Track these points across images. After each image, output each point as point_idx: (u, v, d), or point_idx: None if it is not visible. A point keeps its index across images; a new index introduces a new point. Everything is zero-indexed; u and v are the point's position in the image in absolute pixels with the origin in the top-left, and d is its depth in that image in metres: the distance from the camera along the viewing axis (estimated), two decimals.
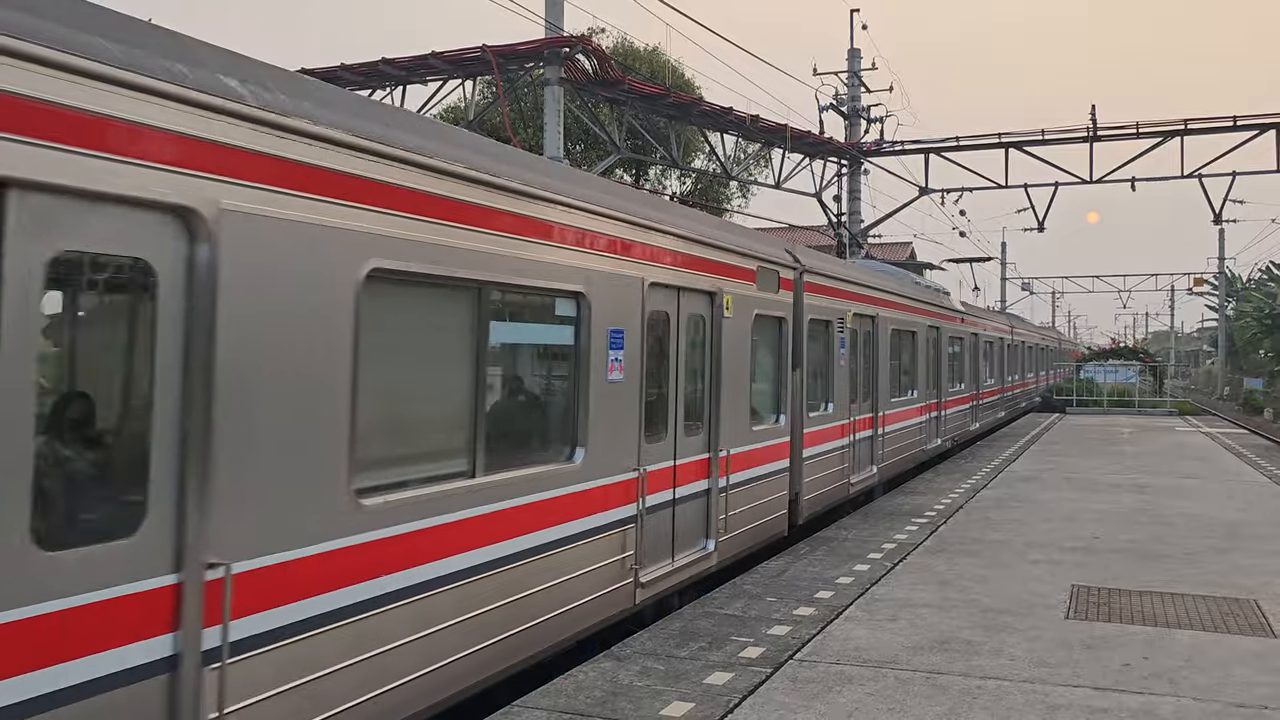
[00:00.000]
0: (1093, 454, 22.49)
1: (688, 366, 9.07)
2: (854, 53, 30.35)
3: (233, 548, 4.38)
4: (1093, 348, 69.83)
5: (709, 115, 23.96)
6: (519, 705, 6.10)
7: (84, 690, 3.77)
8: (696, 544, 9.30)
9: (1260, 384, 56.45)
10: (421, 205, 5.57)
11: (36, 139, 3.60)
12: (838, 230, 29.44)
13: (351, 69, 19.33)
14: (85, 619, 3.79)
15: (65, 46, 3.70)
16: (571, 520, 7.14)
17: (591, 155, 30.41)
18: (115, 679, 3.90)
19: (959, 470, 19.13)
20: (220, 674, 4.29)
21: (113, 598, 3.89)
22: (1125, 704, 6.27)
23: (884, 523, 12.91)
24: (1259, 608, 8.69)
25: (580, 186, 7.51)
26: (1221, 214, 27.98)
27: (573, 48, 18.49)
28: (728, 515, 9.74)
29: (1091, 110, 25.81)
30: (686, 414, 9.03)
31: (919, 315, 19.24)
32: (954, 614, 8.38)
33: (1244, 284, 68.02)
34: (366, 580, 5.15)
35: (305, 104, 4.85)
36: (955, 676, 6.78)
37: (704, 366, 9.49)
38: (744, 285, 10.32)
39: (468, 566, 5.97)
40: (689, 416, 9.11)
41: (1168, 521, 13.18)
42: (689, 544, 9.13)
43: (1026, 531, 12.33)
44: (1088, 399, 44.18)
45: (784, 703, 6.22)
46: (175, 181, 4.10)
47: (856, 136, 29.69)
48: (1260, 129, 25.23)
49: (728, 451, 9.72)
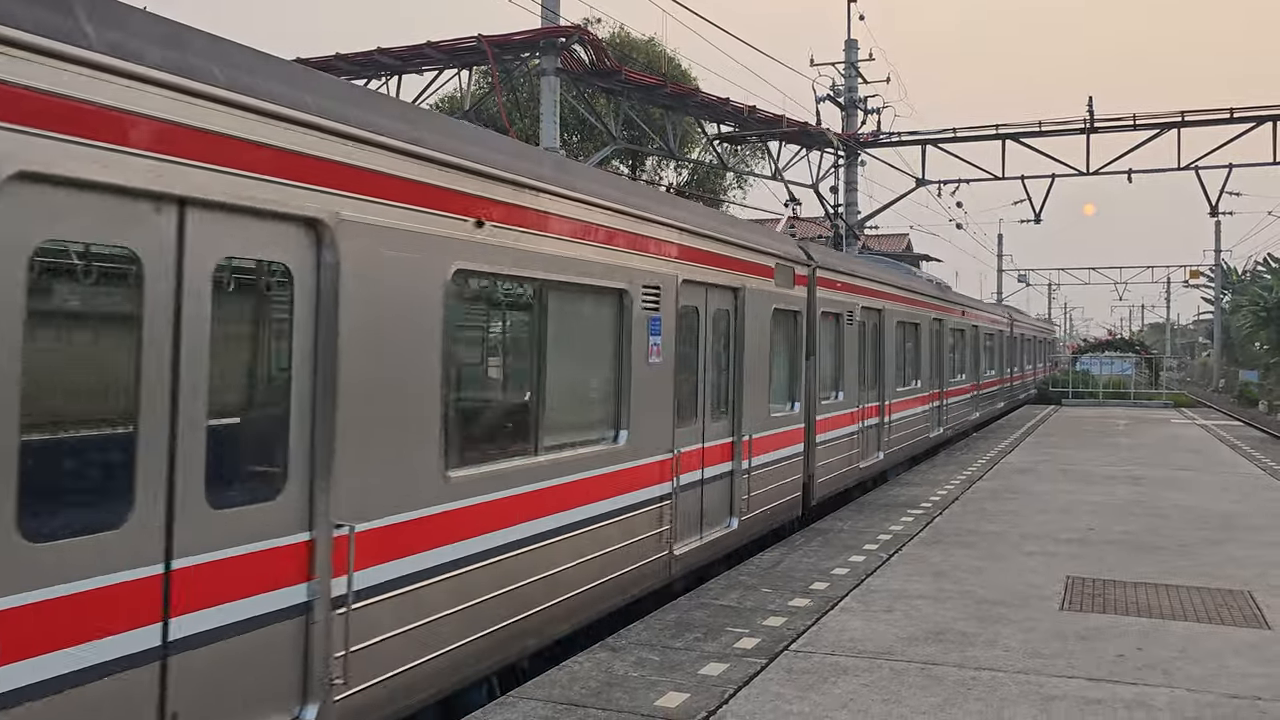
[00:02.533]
0: (1088, 446, 22.53)
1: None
2: (851, 43, 30.27)
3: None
4: (1089, 340, 69.90)
5: (706, 106, 23.92)
6: (514, 695, 6.10)
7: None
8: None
9: (1256, 376, 56.53)
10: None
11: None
12: (834, 221, 29.42)
13: (347, 58, 19.28)
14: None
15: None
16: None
17: (588, 146, 30.34)
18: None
19: (954, 462, 19.15)
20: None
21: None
22: (1119, 695, 6.28)
23: (880, 514, 12.93)
24: (1253, 599, 8.71)
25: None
26: (1218, 206, 27.98)
27: (569, 38, 18.44)
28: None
29: (1088, 102, 25.69)
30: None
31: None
32: (949, 605, 8.39)
33: (1240, 276, 68.07)
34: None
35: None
36: (950, 667, 6.79)
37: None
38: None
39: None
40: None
41: (1162, 513, 13.20)
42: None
43: (1022, 523, 12.35)
44: (1084, 391, 44.25)
45: (779, 693, 6.22)
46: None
47: (853, 127, 29.65)
48: (1257, 121, 25.21)
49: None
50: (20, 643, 3.66)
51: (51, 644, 3.76)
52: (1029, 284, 75.13)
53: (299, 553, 4.83)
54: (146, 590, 4.12)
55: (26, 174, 3.65)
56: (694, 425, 9.34)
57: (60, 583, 3.78)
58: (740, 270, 10.27)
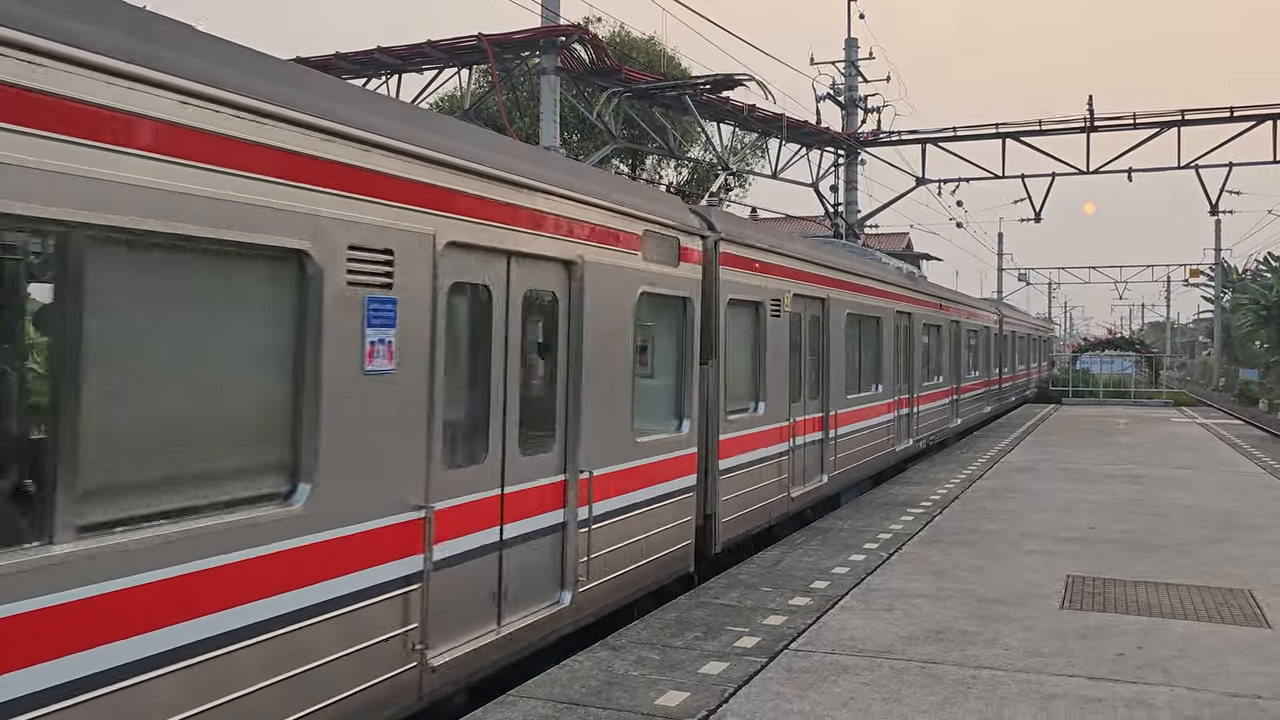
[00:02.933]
0: (1088, 444, 22.54)
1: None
2: (851, 42, 30.28)
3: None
4: (1089, 339, 69.91)
5: (705, 105, 23.90)
6: (515, 694, 6.10)
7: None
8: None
9: (1256, 375, 56.50)
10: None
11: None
12: (834, 220, 29.42)
13: (347, 57, 19.25)
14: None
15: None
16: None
17: (588, 145, 30.34)
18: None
19: (954, 461, 19.15)
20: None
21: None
22: (1119, 693, 6.28)
23: (879, 513, 12.93)
24: (1253, 598, 8.71)
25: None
26: (1218, 205, 27.99)
27: (569, 37, 18.43)
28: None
29: (1089, 101, 25.69)
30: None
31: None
32: (949, 604, 8.40)
33: (1240, 275, 68.05)
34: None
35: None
36: (950, 666, 6.79)
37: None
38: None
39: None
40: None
41: (1162, 512, 13.21)
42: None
43: (1022, 522, 12.36)
44: (1084, 390, 44.26)
45: (779, 692, 6.23)
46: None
47: (853, 126, 29.65)
48: (1257, 120, 25.22)
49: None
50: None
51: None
52: (1029, 283, 75.15)
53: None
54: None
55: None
56: (481, 465, 6.50)
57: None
58: (577, 237, 7.44)
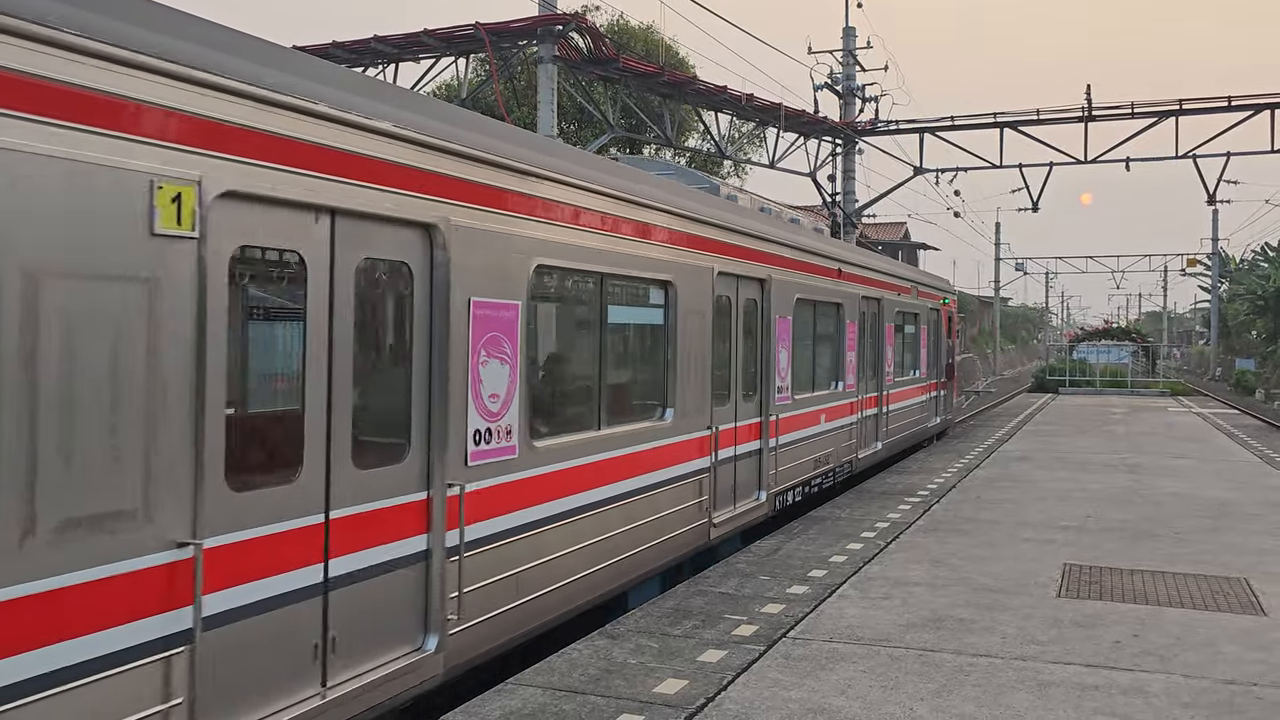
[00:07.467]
0: (1085, 434, 22.57)
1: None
2: (849, 31, 30.19)
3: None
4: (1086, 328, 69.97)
5: (703, 94, 23.86)
6: (514, 682, 6.11)
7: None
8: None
9: (1252, 364, 56.55)
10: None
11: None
12: (832, 210, 29.39)
13: (344, 46, 19.20)
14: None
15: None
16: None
17: (586, 134, 30.27)
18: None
19: (951, 450, 19.18)
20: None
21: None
22: (1116, 681, 6.31)
23: (877, 502, 12.95)
24: (1249, 586, 8.74)
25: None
26: (1216, 194, 28.02)
27: (566, 25, 18.38)
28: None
29: (1086, 90, 25.65)
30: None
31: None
32: (946, 592, 8.42)
33: (1237, 265, 68.10)
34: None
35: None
36: (947, 654, 6.81)
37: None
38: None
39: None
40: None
41: (1159, 501, 13.24)
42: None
43: (1019, 511, 12.38)
44: (1081, 379, 44.31)
45: (777, 680, 6.25)
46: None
47: (851, 116, 29.58)
48: (1255, 109, 25.21)
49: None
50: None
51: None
52: (1026, 272, 75.32)
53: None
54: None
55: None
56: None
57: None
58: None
